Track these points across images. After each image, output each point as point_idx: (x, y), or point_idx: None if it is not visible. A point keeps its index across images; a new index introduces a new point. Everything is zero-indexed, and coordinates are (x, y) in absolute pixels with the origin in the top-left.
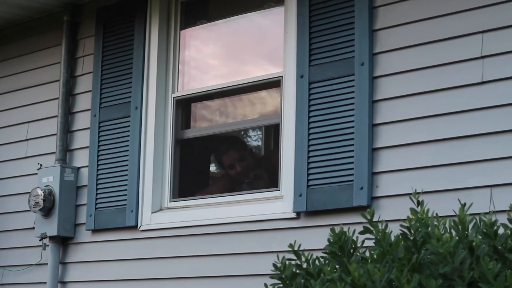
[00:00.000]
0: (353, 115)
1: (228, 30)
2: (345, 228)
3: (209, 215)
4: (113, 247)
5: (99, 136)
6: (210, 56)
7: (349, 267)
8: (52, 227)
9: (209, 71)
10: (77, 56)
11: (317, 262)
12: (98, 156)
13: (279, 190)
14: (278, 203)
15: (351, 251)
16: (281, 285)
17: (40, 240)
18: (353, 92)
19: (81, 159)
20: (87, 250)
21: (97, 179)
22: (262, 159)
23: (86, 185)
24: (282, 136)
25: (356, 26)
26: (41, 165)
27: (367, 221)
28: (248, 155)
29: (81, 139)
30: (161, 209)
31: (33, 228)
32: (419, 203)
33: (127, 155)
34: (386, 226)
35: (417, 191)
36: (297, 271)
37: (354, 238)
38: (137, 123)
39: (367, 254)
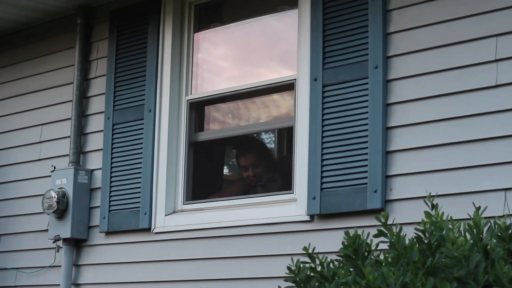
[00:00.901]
0: (367, 118)
1: (241, 33)
2: (359, 231)
3: (223, 218)
4: (126, 249)
5: (112, 139)
6: (224, 59)
7: (363, 270)
8: (65, 229)
9: (222, 74)
10: (91, 58)
11: (331, 265)
12: (111, 158)
13: (293, 193)
14: (292, 206)
15: (366, 254)
16: None
17: (53, 242)
18: (367, 95)
19: (95, 161)
20: (101, 252)
21: (111, 182)
22: (275, 162)
23: (99, 188)
24: (296, 139)
25: (370, 29)
26: (54, 167)
27: (381, 224)
28: (263, 161)
29: (95, 142)
30: (174, 212)
31: (47, 230)
32: (434, 206)
33: (141, 158)
34: (401, 229)
35: (431, 194)
36: (311, 274)
37: (368, 241)
38: (151, 125)
39: (382, 257)
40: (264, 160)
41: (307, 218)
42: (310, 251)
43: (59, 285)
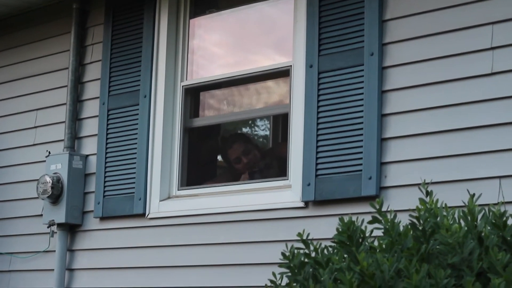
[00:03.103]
0: (362, 105)
1: (237, 20)
2: (354, 218)
3: (217, 204)
4: (120, 234)
5: (107, 124)
6: (219, 45)
7: (357, 256)
8: (60, 214)
9: (218, 60)
10: (86, 44)
11: (325, 251)
12: (106, 144)
13: (288, 179)
14: (287, 192)
15: (360, 240)
16: (289, 274)
17: (48, 227)
18: (362, 82)
19: (90, 146)
20: (95, 237)
21: (106, 167)
22: (270, 148)
23: (94, 173)
24: (291, 125)
25: (366, 16)
26: (49, 152)
27: (375, 211)
28: (253, 147)
29: (90, 127)
30: (169, 197)
31: (41, 215)
32: (428, 193)
33: (136, 143)
34: (395, 216)
35: (426, 181)
36: (306, 260)
37: (363, 227)
38: (146, 111)
39: (376, 243)
40: (257, 148)
41: (301, 204)
42: (304, 237)
43: (53, 270)
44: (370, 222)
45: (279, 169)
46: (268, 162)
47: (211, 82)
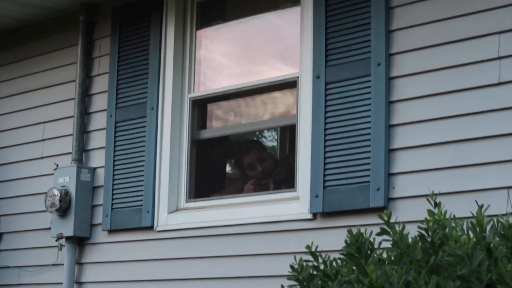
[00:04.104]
0: (369, 116)
1: (244, 31)
2: (362, 230)
3: (226, 216)
4: (129, 247)
5: (115, 137)
6: (226, 57)
7: (366, 268)
8: (68, 228)
9: (225, 71)
10: (93, 56)
11: (334, 263)
12: (114, 156)
13: (296, 191)
14: (295, 204)
15: (368, 252)
16: (298, 287)
17: (56, 241)
18: (369, 92)
19: (97, 159)
20: (103, 250)
21: (113, 180)
22: (278, 160)
23: (102, 186)
24: (299, 136)
25: (373, 26)
26: (57, 165)
27: (384, 222)
28: (268, 156)
29: (97, 140)
30: (177, 210)
31: (49, 228)
32: (437, 205)
33: (143, 156)
34: (403, 227)
35: (434, 192)
36: (314, 273)
37: (371, 239)
38: (153, 123)
39: (385, 255)
40: (270, 158)
41: (309, 216)
42: (313, 250)
43: (61, 283)
44: (378, 234)
45: (287, 181)
46: (275, 174)
47: (218, 94)
